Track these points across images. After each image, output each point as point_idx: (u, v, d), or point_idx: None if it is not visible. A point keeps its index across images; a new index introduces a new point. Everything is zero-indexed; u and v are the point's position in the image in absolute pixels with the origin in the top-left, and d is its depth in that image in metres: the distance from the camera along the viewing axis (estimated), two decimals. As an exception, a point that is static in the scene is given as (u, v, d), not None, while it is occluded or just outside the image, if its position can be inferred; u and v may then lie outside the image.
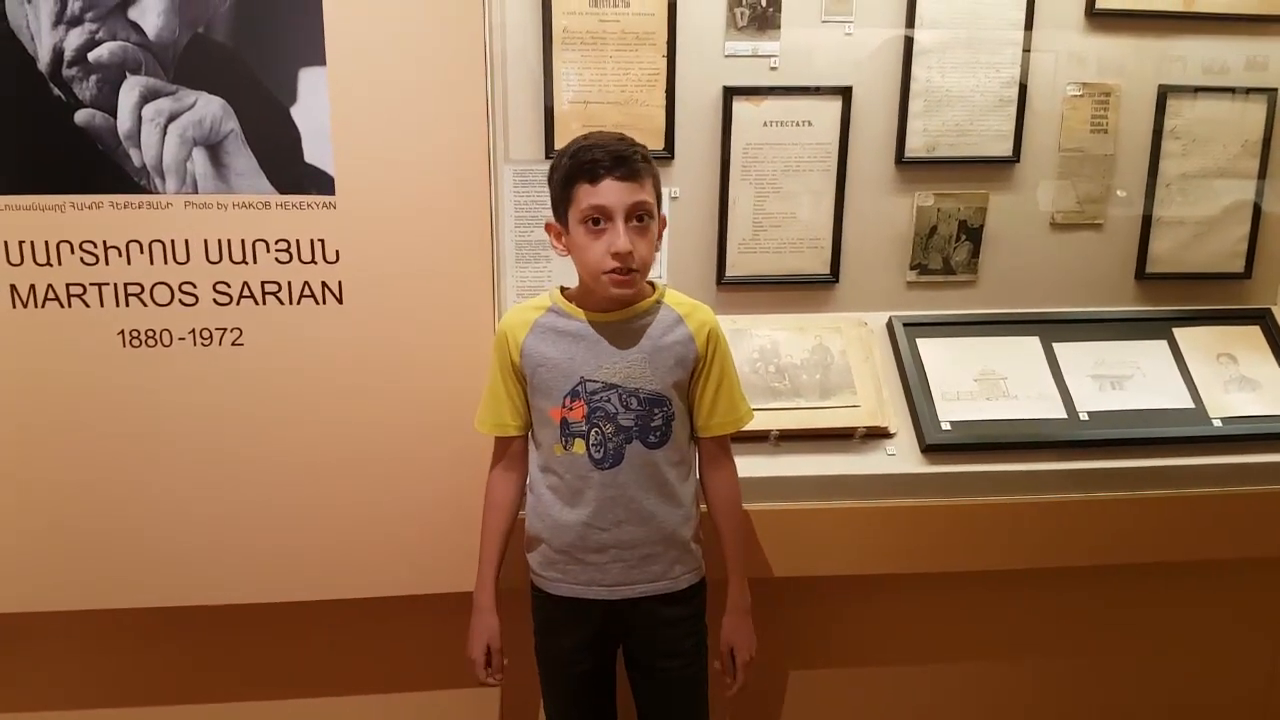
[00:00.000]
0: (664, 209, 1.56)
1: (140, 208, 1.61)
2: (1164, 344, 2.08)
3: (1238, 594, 2.08)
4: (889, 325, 2.09)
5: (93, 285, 1.63)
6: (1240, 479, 1.91)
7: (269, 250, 1.65)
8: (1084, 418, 1.95)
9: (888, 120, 2.05)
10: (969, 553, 1.88)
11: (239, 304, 1.66)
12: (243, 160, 1.60)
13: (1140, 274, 2.18)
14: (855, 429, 1.91)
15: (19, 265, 1.61)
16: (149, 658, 1.94)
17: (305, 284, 1.67)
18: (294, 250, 1.65)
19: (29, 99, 1.55)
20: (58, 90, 1.55)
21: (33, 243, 1.61)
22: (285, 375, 1.69)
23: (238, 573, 1.76)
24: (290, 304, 1.67)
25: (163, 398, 1.68)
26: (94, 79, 1.55)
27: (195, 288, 1.65)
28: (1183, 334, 2.09)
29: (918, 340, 2.05)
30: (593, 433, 1.51)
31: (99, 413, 1.68)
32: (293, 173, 1.62)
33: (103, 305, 1.64)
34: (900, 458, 1.90)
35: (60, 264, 1.62)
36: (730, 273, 2.09)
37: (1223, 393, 2.01)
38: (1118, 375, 2.03)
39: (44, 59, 1.54)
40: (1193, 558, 1.95)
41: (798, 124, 2.03)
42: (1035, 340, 2.07)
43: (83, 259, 1.62)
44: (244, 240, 1.64)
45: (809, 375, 1.97)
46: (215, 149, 1.59)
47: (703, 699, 1.64)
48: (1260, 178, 2.15)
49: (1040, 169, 2.11)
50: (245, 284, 1.65)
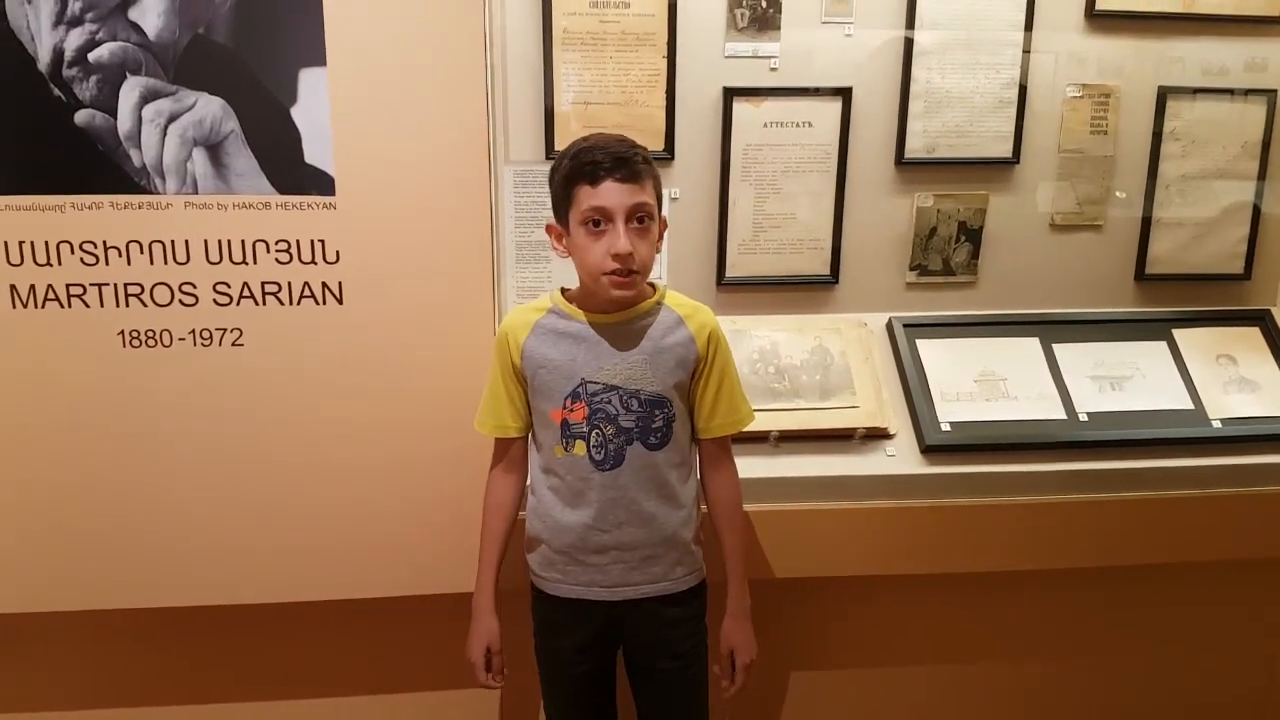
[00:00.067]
0: (664, 210, 1.56)
1: (140, 208, 1.61)
2: (1163, 345, 2.08)
3: (1237, 595, 2.08)
4: (889, 326, 2.09)
5: (93, 285, 1.63)
6: (1239, 480, 1.91)
7: (269, 251, 1.65)
8: (1083, 419, 1.96)
9: (888, 121, 2.05)
10: (968, 553, 1.88)
11: (239, 304, 1.66)
12: (243, 161, 1.60)
13: (1140, 275, 2.18)
14: (855, 430, 1.91)
15: (19, 265, 1.61)
16: (148, 658, 1.94)
17: (305, 284, 1.67)
18: (294, 251, 1.65)
19: (29, 99, 1.54)
20: (58, 90, 1.55)
21: (33, 243, 1.60)
22: (285, 376, 1.69)
23: (237, 573, 1.76)
24: (290, 304, 1.67)
25: (162, 398, 1.68)
26: (94, 79, 1.55)
27: (195, 288, 1.65)
28: (1182, 335, 2.10)
29: (917, 341, 2.05)
30: (593, 434, 1.51)
31: (99, 413, 1.67)
32: (293, 173, 1.61)
33: (103, 305, 1.64)
34: (900, 458, 1.90)
35: (60, 264, 1.62)
36: (730, 273, 2.09)
37: (1222, 394, 2.02)
38: (1117, 376, 2.03)
39: (44, 59, 1.54)
40: (1192, 559, 1.95)
41: (798, 125, 2.03)
42: (1035, 341, 2.07)
43: (83, 259, 1.62)
44: (244, 241, 1.63)
45: (809, 376, 1.97)
46: (215, 149, 1.59)
47: (703, 700, 1.64)
48: (1260, 179, 2.15)
49: (1040, 170, 2.11)
50: (245, 284, 1.65)
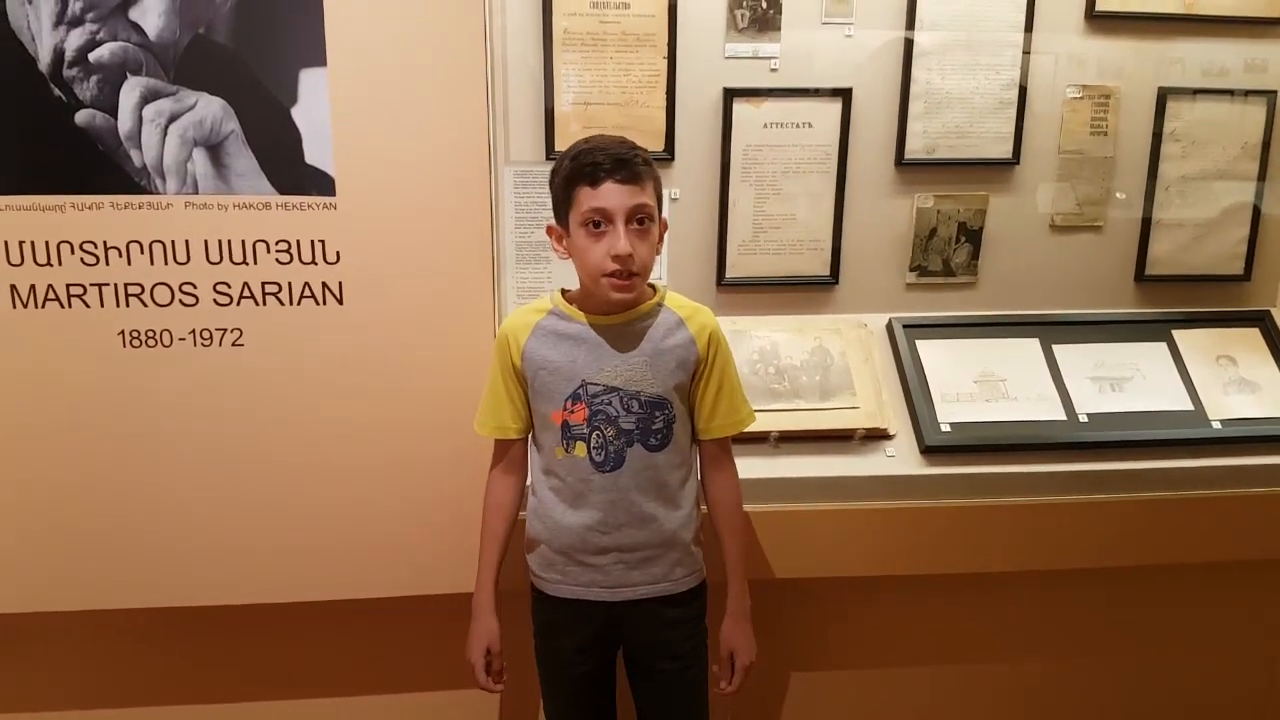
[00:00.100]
0: (664, 211, 1.56)
1: (141, 208, 1.61)
2: (1163, 346, 2.08)
3: (1237, 596, 2.08)
4: (889, 327, 2.09)
5: (93, 285, 1.63)
6: (1239, 481, 1.91)
7: (269, 251, 1.65)
8: (1083, 419, 1.96)
9: (888, 122, 2.05)
10: (968, 554, 1.88)
11: (239, 304, 1.66)
12: (243, 161, 1.60)
13: (1140, 276, 2.18)
14: (855, 430, 1.91)
15: (19, 265, 1.61)
16: (148, 658, 1.94)
17: (305, 284, 1.67)
18: (294, 251, 1.65)
19: (29, 99, 1.54)
20: (58, 91, 1.55)
21: (33, 243, 1.60)
22: (285, 376, 1.69)
23: (237, 573, 1.76)
24: (290, 305, 1.67)
25: (163, 398, 1.68)
26: (95, 79, 1.55)
27: (195, 288, 1.65)
28: (1182, 336, 2.09)
29: (917, 342, 2.05)
30: (594, 436, 1.51)
31: (99, 413, 1.68)
32: (293, 173, 1.62)
33: (103, 305, 1.64)
34: (900, 459, 1.90)
35: (60, 264, 1.62)
36: (730, 274, 2.09)
37: (1222, 395, 2.02)
38: (1117, 377, 2.03)
39: (45, 59, 1.54)
40: (1192, 560, 1.95)
41: (798, 126, 2.03)
42: (1035, 342, 2.07)
43: (83, 259, 1.62)
44: (244, 241, 1.64)
45: (809, 376, 1.97)
46: (216, 150, 1.59)
47: (703, 701, 1.64)
48: (1260, 180, 2.15)
49: (1040, 171, 2.11)
50: (245, 284, 1.65)
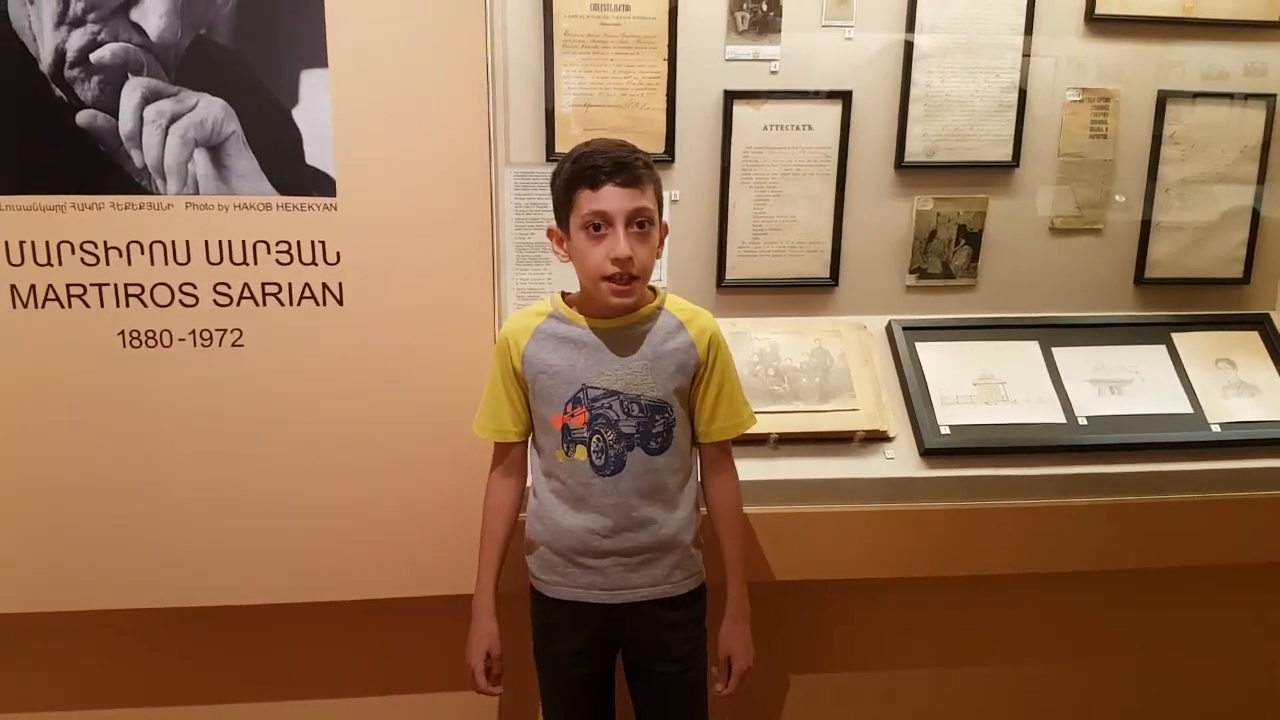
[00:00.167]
0: (665, 214, 1.56)
1: (141, 208, 1.61)
2: (1163, 349, 2.08)
3: (1237, 599, 2.08)
4: (888, 329, 2.09)
5: (93, 286, 1.63)
6: (1238, 484, 1.91)
7: (269, 251, 1.65)
8: (1083, 422, 1.96)
9: (887, 124, 2.05)
10: (968, 557, 1.88)
11: (239, 305, 1.66)
12: (244, 162, 1.60)
13: (1139, 279, 2.18)
14: (854, 432, 1.91)
15: (19, 265, 1.61)
16: (148, 658, 1.94)
17: (306, 285, 1.67)
18: (294, 252, 1.65)
19: (30, 100, 1.54)
20: (59, 91, 1.55)
21: (33, 243, 1.60)
22: (285, 376, 1.69)
23: (237, 574, 1.76)
24: (290, 305, 1.67)
25: (162, 398, 1.68)
26: (96, 80, 1.55)
27: (195, 289, 1.65)
28: (1181, 339, 2.10)
29: (917, 344, 2.05)
30: (594, 439, 1.51)
31: (99, 413, 1.67)
32: (294, 174, 1.62)
33: (103, 306, 1.64)
34: (899, 461, 1.90)
35: (61, 264, 1.62)
36: (730, 276, 2.09)
37: (1221, 398, 2.02)
38: (1116, 380, 2.03)
39: (46, 60, 1.54)
40: (1191, 563, 1.95)
41: (798, 128, 2.03)
42: (1034, 345, 2.07)
43: (83, 259, 1.62)
44: (245, 241, 1.64)
45: (808, 378, 1.97)
46: (216, 150, 1.59)
47: (702, 704, 1.64)
48: (1259, 183, 2.16)
49: (1040, 174, 2.11)
50: (245, 285, 1.65)
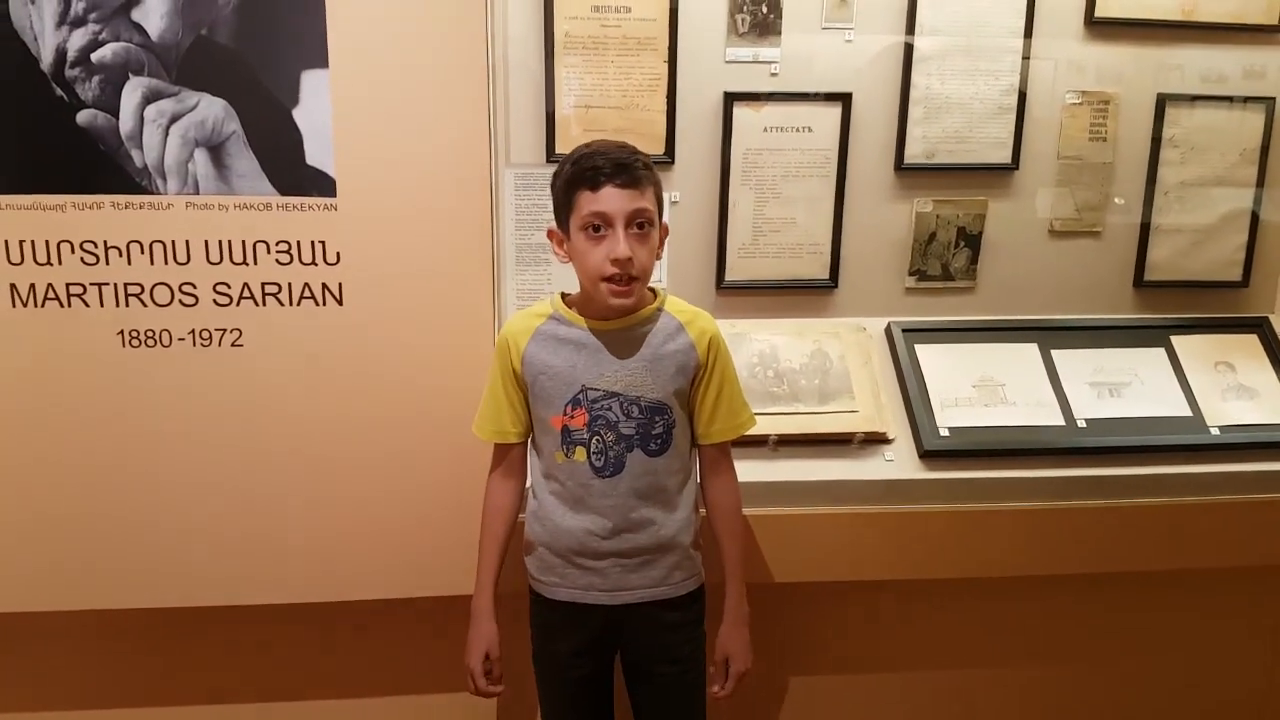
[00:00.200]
0: (665, 216, 1.56)
1: (141, 208, 1.61)
2: (1162, 352, 2.09)
3: (1235, 601, 2.08)
4: (888, 331, 2.10)
5: (93, 285, 1.63)
6: (1237, 487, 1.92)
7: (269, 251, 1.65)
8: (1082, 425, 1.96)
9: (887, 127, 2.06)
10: (966, 559, 1.88)
11: (239, 305, 1.66)
12: (244, 162, 1.60)
13: (1138, 282, 2.19)
14: (853, 434, 1.92)
15: (19, 264, 1.61)
16: (146, 659, 1.94)
17: (305, 285, 1.67)
18: (294, 252, 1.65)
19: (31, 99, 1.54)
20: (60, 90, 1.55)
21: (33, 242, 1.60)
22: (285, 376, 1.69)
23: (236, 574, 1.76)
24: (290, 305, 1.67)
25: (162, 398, 1.68)
26: (96, 79, 1.55)
27: (195, 288, 1.65)
28: (1180, 342, 2.10)
29: (916, 346, 2.06)
30: (594, 441, 1.51)
31: (98, 412, 1.67)
32: (294, 174, 1.62)
33: (103, 305, 1.64)
34: (898, 463, 1.90)
35: (60, 264, 1.62)
36: (730, 277, 2.09)
37: (1220, 401, 2.02)
38: (1115, 383, 2.03)
39: (47, 59, 1.54)
40: (1190, 565, 1.95)
41: (798, 130, 2.03)
42: (1033, 347, 2.07)
43: (83, 259, 1.62)
44: (244, 241, 1.63)
45: (808, 380, 1.98)
46: (217, 150, 1.59)
47: (701, 705, 1.64)
48: (1258, 186, 2.16)
49: (1039, 176, 2.12)
50: (245, 285, 1.65)
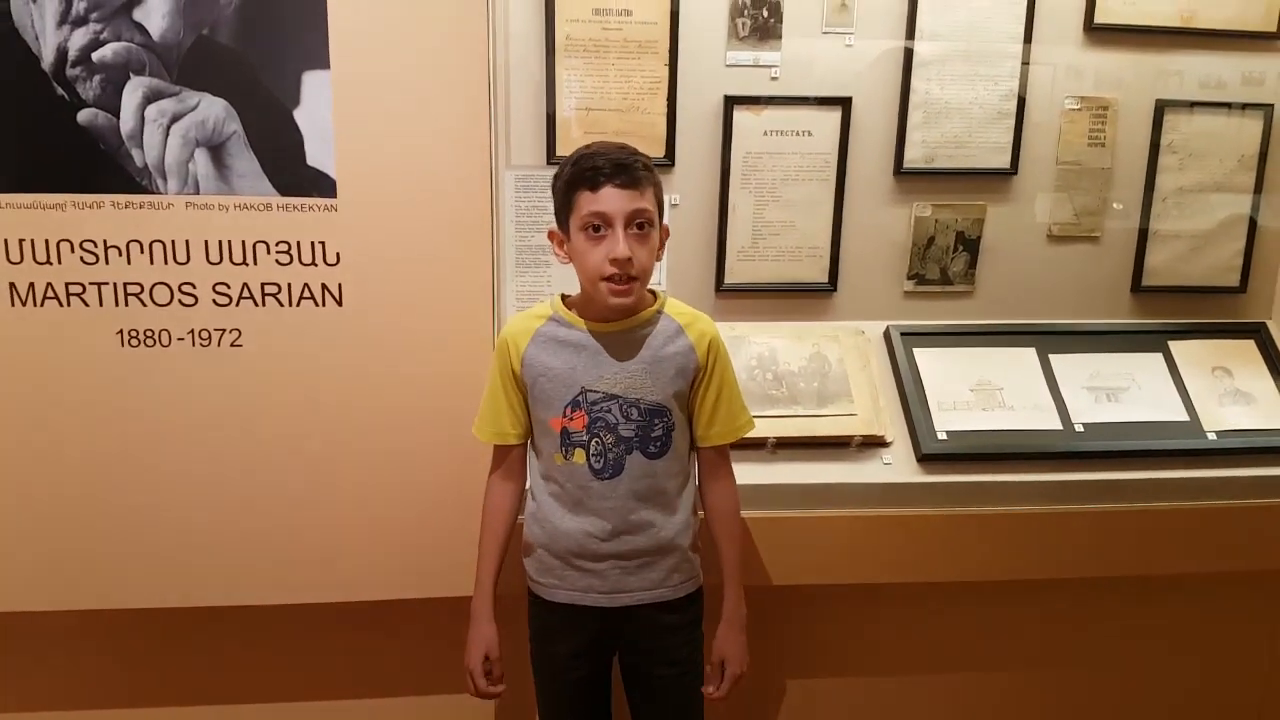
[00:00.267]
0: (665, 218, 1.56)
1: (141, 208, 1.61)
2: (1159, 357, 2.09)
3: (1233, 606, 2.08)
4: (886, 334, 2.10)
5: (92, 284, 1.63)
6: (1234, 492, 1.92)
7: (269, 252, 1.65)
8: (1079, 429, 1.96)
9: (887, 131, 2.06)
10: (964, 562, 1.88)
11: (238, 305, 1.66)
12: (245, 162, 1.60)
13: (1136, 287, 2.19)
14: (852, 437, 1.92)
15: (19, 263, 1.61)
16: (145, 659, 1.94)
17: (305, 286, 1.67)
18: (294, 252, 1.65)
19: (32, 98, 1.55)
20: (61, 90, 1.55)
21: (33, 241, 1.61)
22: (284, 377, 1.69)
23: (234, 574, 1.76)
24: (290, 306, 1.67)
25: (161, 398, 1.68)
26: (97, 79, 1.55)
27: (195, 288, 1.65)
28: (1178, 347, 2.10)
29: (915, 350, 2.06)
30: (593, 443, 1.51)
31: (96, 412, 1.67)
32: (294, 175, 1.62)
33: (102, 305, 1.64)
34: (896, 467, 1.91)
35: (60, 263, 1.62)
36: (729, 280, 2.09)
37: (1217, 406, 2.02)
38: (1113, 387, 2.03)
39: (48, 58, 1.54)
40: (1187, 570, 1.95)
41: (798, 133, 2.04)
42: (1031, 351, 2.07)
43: (83, 258, 1.62)
44: (244, 242, 1.64)
45: (806, 383, 1.98)
46: (217, 150, 1.59)
47: (698, 707, 1.64)
48: (1256, 192, 2.16)
49: (1038, 181, 2.12)
50: (245, 285, 1.66)
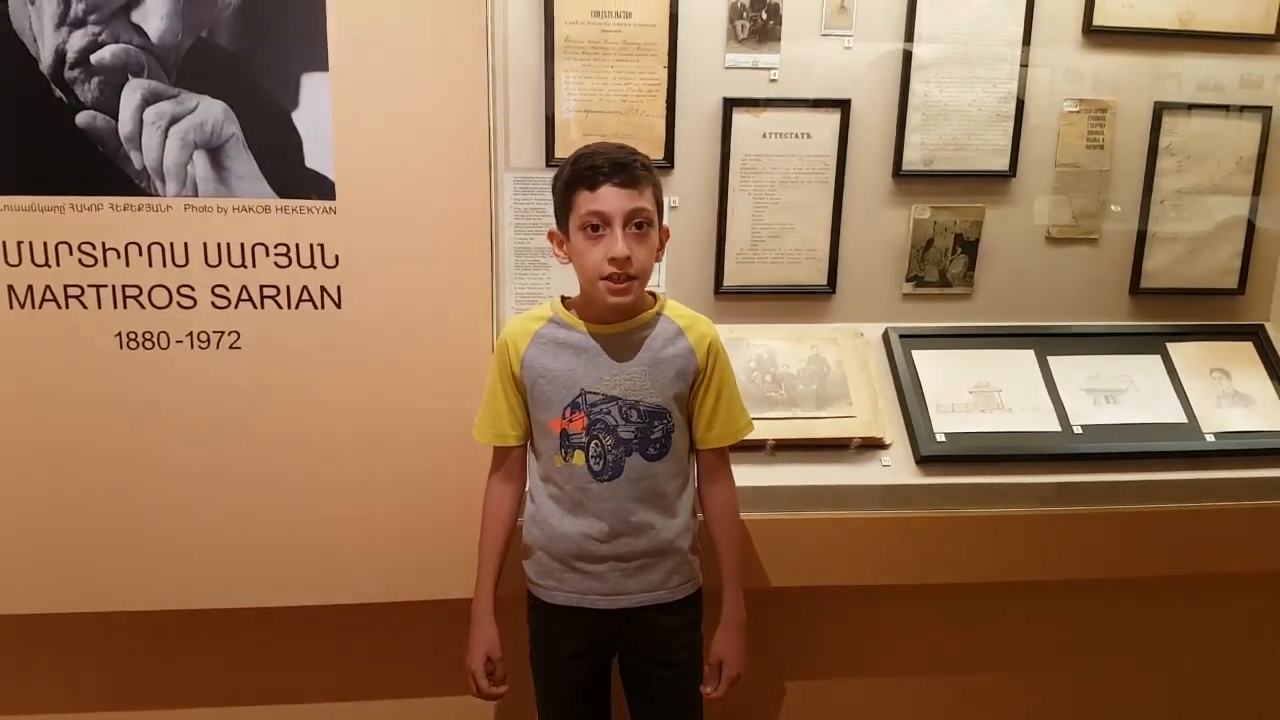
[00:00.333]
0: (664, 219, 1.56)
1: (140, 210, 1.61)
2: (1157, 359, 2.09)
3: (1231, 607, 2.09)
4: (885, 336, 2.10)
5: (91, 287, 1.63)
6: (1232, 494, 1.92)
7: (268, 254, 1.65)
8: (1078, 431, 1.96)
9: (885, 133, 2.06)
10: (963, 564, 1.88)
11: (237, 307, 1.66)
12: (243, 164, 1.60)
13: (1134, 289, 2.19)
14: (850, 439, 1.92)
15: (17, 265, 1.61)
16: (143, 661, 1.93)
17: (304, 288, 1.67)
18: (293, 254, 1.65)
19: (30, 100, 1.54)
20: (59, 92, 1.55)
21: (31, 243, 1.60)
22: (283, 379, 1.69)
23: (234, 577, 1.76)
24: (288, 308, 1.67)
25: (159, 400, 1.68)
26: (96, 81, 1.55)
27: (193, 290, 1.65)
28: (1176, 349, 2.11)
29: (913, 352, 2.06)
30: (592, 445, 1.51)
31: (95, 414, 1.67)
32: (293, 177, 1.62)
33: (100, 307, 1.64)
34: (895, 469, 1.91)
35: (59, 265, 1.62)
36: (728, 282, 2.09)
37: (1215, 408, 2.03)
38: (1111, 389, 2.04)
39: (46, 60, 1.54)
40: (1185, 572, 1.96)
41: (796, 136, 2.04)
42: (1030, 353, 2.07)
43: (81, 260, 1.62)
44: (243, 244, 1.63)
45: (805, 385, 1.98)
46: (216, 152, 1.59)
47: (697, 708, 1.64)
48: (1254, 194, 2.17)
49: (1036, 183, 2.12)
50: (244, 287, 1.65)
